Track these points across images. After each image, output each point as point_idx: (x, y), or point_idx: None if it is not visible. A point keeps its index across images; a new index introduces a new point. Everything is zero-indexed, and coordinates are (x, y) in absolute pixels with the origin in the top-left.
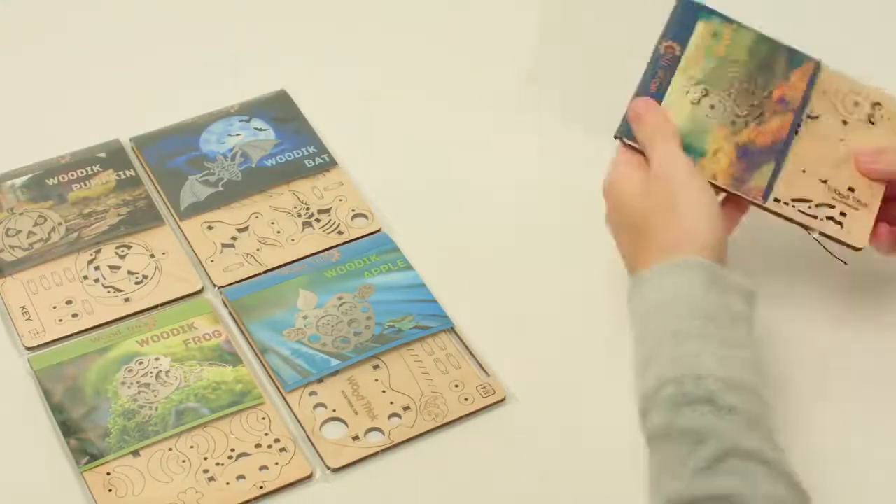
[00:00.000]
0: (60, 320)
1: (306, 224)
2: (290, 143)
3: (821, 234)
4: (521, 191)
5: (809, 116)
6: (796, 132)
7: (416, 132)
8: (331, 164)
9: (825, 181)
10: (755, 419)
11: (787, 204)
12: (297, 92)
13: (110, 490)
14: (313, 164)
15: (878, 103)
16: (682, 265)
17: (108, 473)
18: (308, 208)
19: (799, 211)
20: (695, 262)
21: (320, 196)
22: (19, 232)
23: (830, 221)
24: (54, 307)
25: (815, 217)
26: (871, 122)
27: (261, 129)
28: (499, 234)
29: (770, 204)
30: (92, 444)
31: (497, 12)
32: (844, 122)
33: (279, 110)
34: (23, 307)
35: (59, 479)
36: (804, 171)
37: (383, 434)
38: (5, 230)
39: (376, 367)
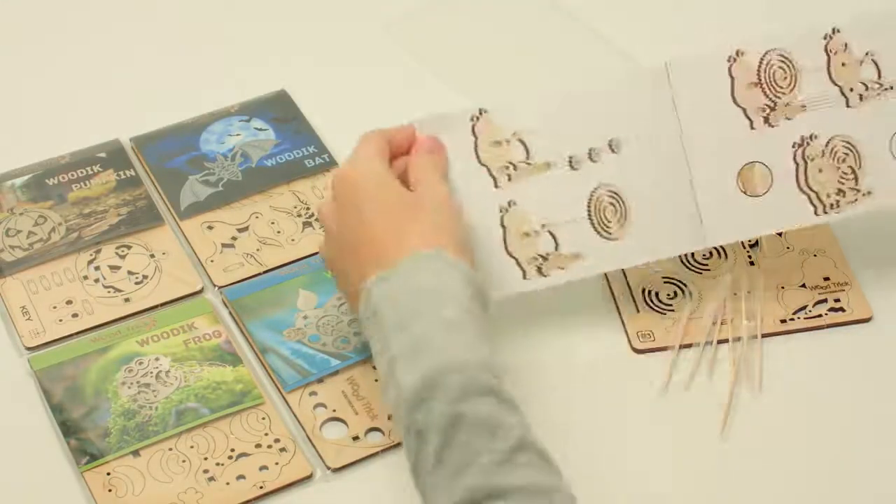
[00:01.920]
0: (60, 320)
1: (306, 224)
2: (290, 143)
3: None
4: None
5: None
6: (752, 263)
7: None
8: (331, 164)
9: (803, 285)
10: (519, 408)
11: (792, 320)
12: (297, 92)
13: (110, 490)
14: (313, 164)
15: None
16: (444, 259)
17: (108, 473)
18: (308, 208)
19: (805, 319)
20: (455, 260)
21: (320, 196)
22: (19, 232)
23: (834, 312)
24: (54, 307)
25: (821, 315)
26: None
27: (261, 129)
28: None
29: (779, 326)
30: (92, 444)
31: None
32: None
33: (279, 110)
34: (23, 307)
35: (59, 479)
36: (783, 288)
37: (383, 434)
38: (5, 230)
39: (377, 367)
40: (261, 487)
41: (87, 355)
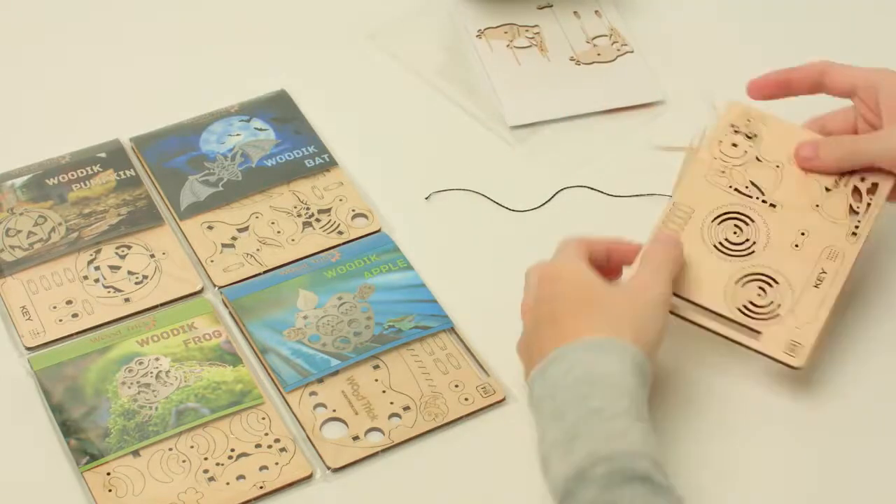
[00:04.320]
0: (60, 320)
1: (306, 224)
2: (290, 143)
3: None
4: (521, 190)
5: None
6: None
7: (416, 132)
8: (331, 164)
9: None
10: (679, 499)
11: None
12: (297, 92)
13: (110, 490)
14: (313, 164)
15: None
16: (610, 345)
17: (108, 473)
18: (308, 208)
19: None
20: (621, 344)
21: (320, 196)
22: (19, 232)
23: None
24: (54, 307)
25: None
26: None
27: (261, 129)
28: (499, 234)
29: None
30: (92, 444)
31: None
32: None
33: (279, 110)
34: (23, 307)
35: (59, 479)
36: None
37: (383, 434)
38: (5, 230)
39: (376, 367)
40: (261, 487)
41: (87, 355)
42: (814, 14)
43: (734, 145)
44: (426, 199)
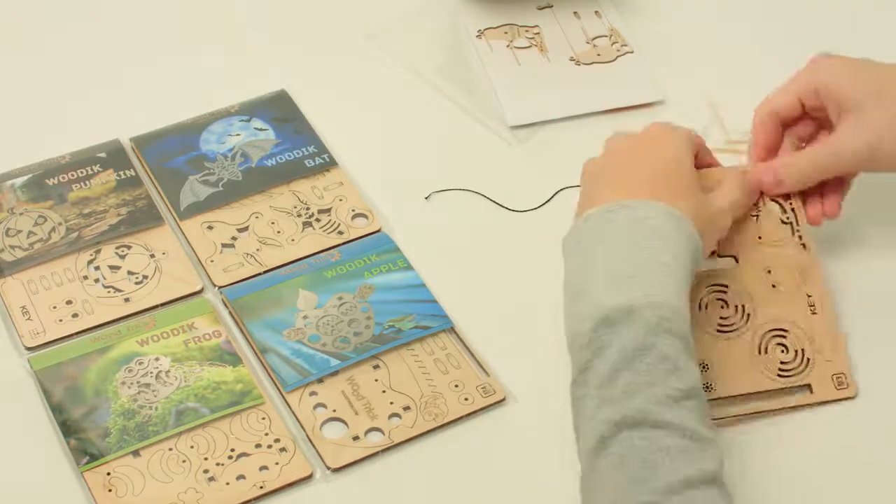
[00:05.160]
0: (60, 320)
1: (306, 224)
2: (290, 143)
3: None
4: (521, 190)
5: None
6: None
7: (416, 132)
8: (331, 164)
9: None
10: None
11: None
12: (297, 92)
13: (110, 490)
14: (313, 164)
15: None
16: (678, 216)
17: (108, 473)
18: (308, 208)
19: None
20: (688, 219)
21: (320, 196)
22: (19, 232)
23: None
24: (54, 307)
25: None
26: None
27: (261, 129)
28: (499, 234)
29: None
30: (92, 444)
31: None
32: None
33: (279, 110)
34: (23, 307)
35: (59, 479)
36: None
37: (383, 434)
38: (5, 230)
39: (376, 367)
40: (261, 487)
41: (87, 355)
42: (814, 14)
43: None
44: (426, 199)
